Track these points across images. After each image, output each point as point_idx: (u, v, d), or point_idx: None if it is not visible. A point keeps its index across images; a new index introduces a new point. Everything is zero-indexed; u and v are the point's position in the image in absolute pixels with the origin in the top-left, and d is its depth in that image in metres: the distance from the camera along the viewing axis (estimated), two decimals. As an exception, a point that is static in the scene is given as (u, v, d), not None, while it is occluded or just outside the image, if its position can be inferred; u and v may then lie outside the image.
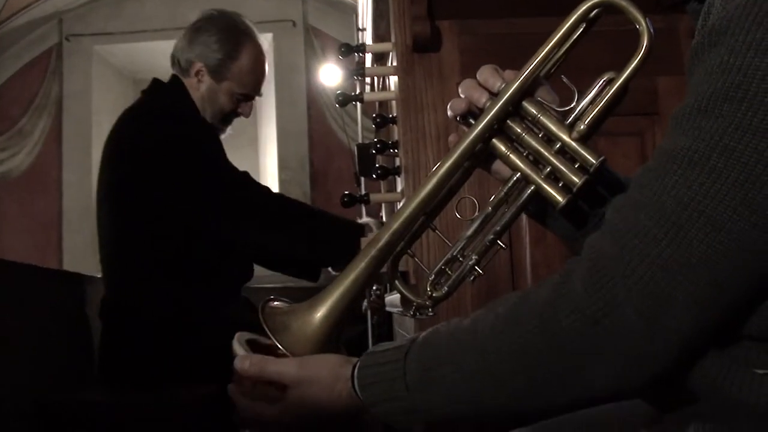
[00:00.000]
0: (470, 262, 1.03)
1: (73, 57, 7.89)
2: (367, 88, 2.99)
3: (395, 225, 1.01)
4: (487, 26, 2.02)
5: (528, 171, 1.00)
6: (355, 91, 2.46)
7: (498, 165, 1.08)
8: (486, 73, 1.04)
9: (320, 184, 7.41)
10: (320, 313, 0.98)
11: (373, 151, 2.11)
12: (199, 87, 2.54)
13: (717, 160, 0.75)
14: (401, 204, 1.10)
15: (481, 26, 2.02)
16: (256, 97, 2.69)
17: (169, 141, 2.42)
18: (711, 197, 0.75)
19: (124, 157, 2.48)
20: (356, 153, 2.43)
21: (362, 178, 2.77)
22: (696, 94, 0.78)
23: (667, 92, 1.93)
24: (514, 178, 1.02)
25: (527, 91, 1.01)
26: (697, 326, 0.77)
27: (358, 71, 2.22)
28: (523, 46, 1.18)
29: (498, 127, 1.02)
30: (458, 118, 1.06)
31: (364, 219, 2.58)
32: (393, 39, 2.07)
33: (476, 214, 1.04)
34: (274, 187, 7.50)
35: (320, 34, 7.57)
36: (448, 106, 1.07)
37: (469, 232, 1.04)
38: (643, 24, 0.94)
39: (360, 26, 3.84)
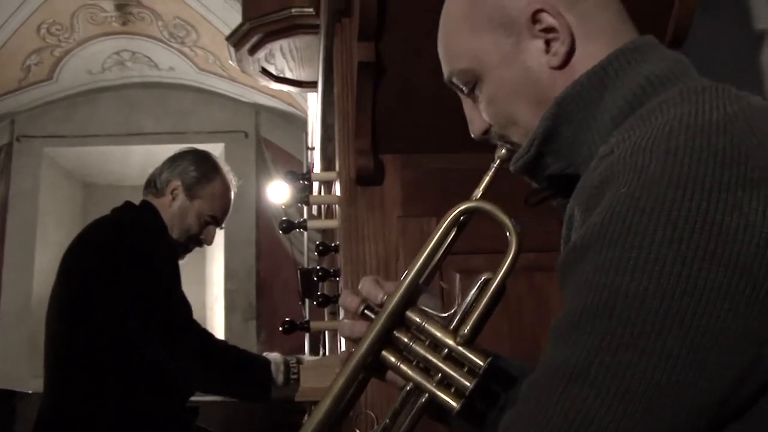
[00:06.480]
0: (373, 479, 1.01)
1: (23, 157, 7.83)
2: (315, 208, 3.04)
3: None
4: (428, 161, 2.08)
5: (419, 380, 1.00)
6: (302, 213, 2.50)
7: (392, 374, 1.08)
8: (368, 286, 1.06)
9: (266, 294, 7.32)
10: None
11: (315, 278, 2.13)
12: (172, 205, 2.65)
13: (595, 374, 0.76)
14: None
15: (423, 161, 2.08)
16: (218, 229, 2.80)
17: (132, 254, 2.46)
18: (594, 411, 0.75)
19: (85, 262, 2.49)
20: (299, 277, 2.46)
21: (306, 300, 2.78)
22: (570, 308, 0.81)
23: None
24: (407, 388, 1.02)
25: (410, 301, 1.02)
26: None
27: (303, 198, 2.27)
28: (462, 180, 1.22)
29: (386, 339, 1.02)
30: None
31: (270, 354, 2.64)
32: (337, 169, 2.12)
33: (375, 427, 1.04)
34: (220, 297, 7.42)
35: (271, 146, 7.65)
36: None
37: (370, 446, 1.02)
38: (510, 229, 0.97)
39: (309, 145, 3.92)
